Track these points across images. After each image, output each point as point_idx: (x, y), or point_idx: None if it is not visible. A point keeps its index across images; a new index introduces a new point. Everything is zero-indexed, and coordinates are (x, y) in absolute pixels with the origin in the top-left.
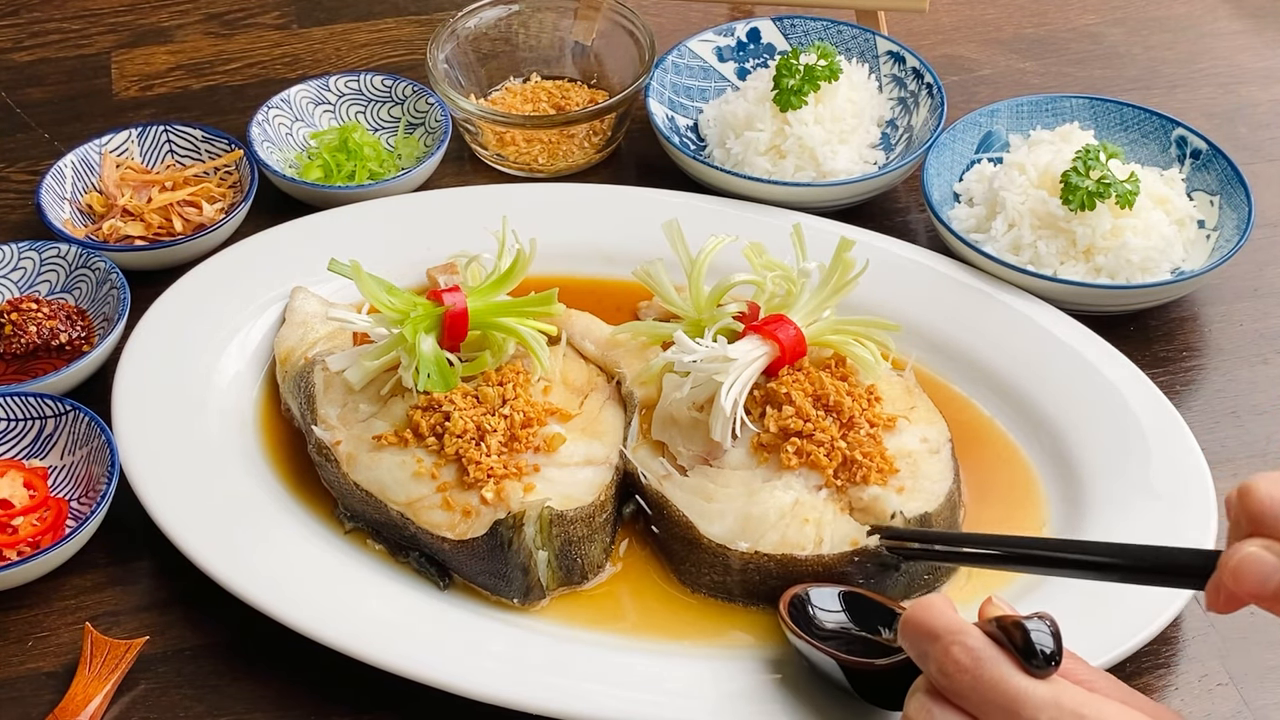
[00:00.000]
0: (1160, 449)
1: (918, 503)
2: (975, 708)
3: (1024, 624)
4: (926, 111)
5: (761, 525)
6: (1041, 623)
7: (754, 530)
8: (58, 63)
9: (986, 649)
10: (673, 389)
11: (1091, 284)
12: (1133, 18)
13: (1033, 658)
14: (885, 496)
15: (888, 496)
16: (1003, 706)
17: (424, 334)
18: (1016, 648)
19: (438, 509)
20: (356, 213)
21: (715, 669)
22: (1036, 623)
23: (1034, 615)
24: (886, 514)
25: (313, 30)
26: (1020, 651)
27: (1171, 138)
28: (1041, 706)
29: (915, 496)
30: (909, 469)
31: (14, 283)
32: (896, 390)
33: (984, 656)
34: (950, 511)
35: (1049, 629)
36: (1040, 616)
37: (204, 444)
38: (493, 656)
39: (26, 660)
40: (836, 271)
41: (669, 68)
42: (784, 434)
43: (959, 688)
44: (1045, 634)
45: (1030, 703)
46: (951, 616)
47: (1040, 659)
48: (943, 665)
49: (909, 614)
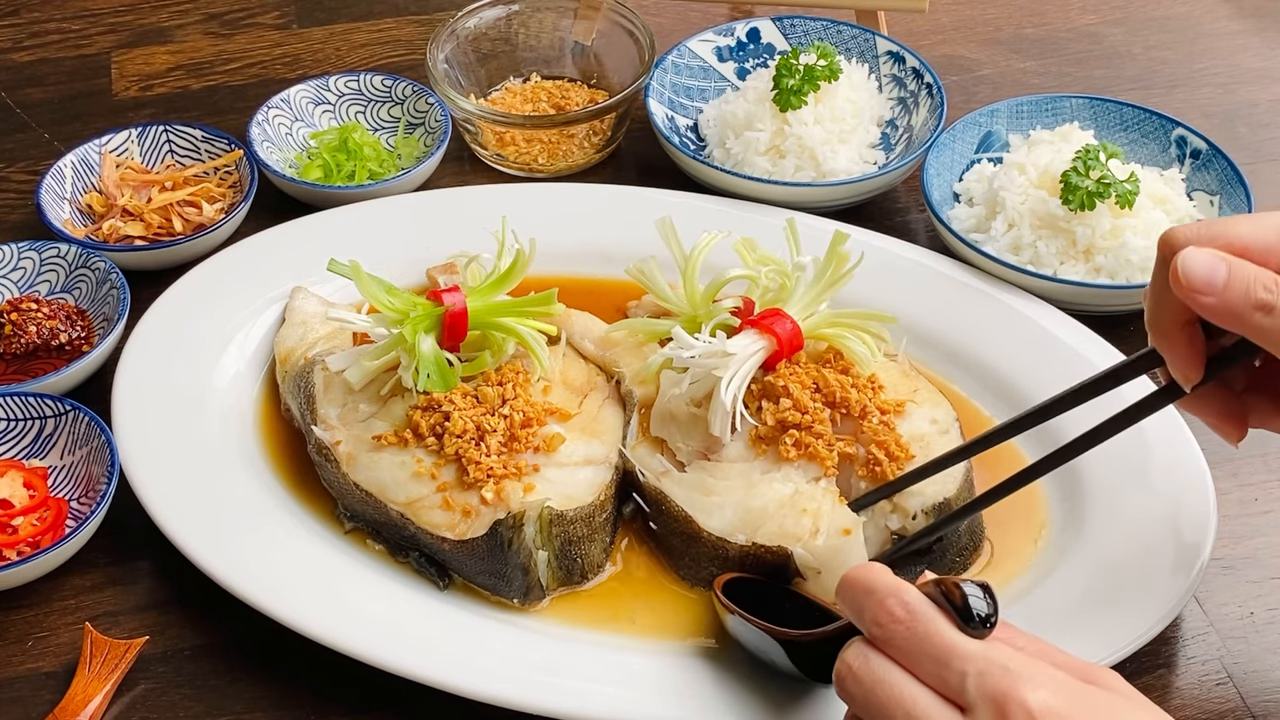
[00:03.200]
0: (1160, 449)
1: (936, 486)
2: (907, 657)
3: (963, 586)
4: (926, 111)
5: (761, 517)
6: (978, 588)
7: (753, 522)
8: (58, 63)
9: (923, 604)
10: (671, 385)
11: (1091, 284)
12: (1132, 18)
13: (969, 618)
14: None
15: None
16: (934, 657)
17: (424, 334)
18: (955, 607)
19: (437, 509)
20: (356, 213)
21: (715, 668)
22: (974, 587)
23: (972, 581)
24: (909, 509)
25: (313, 30)
26: (958, 611)
27: (1171, 138)
28: (970, 658)
29: (932, 481)
30: (923, 453)
31: (14, 283)
32: (895, 376)
33: (919, 611)
34: (968, 492)
35: (986, 594)
36: (978, 583)
37: (204, 444)
38: (493, 656)
39: (26, 660)
40: (831, 264)
41: (669, 68)
42: (781, 426)
43: (892, 637)
44: (982, 599)
45: (960, 654)
46: (890, 577)
47: (976, 620)
48: (877, 616)
49: (847, 574)
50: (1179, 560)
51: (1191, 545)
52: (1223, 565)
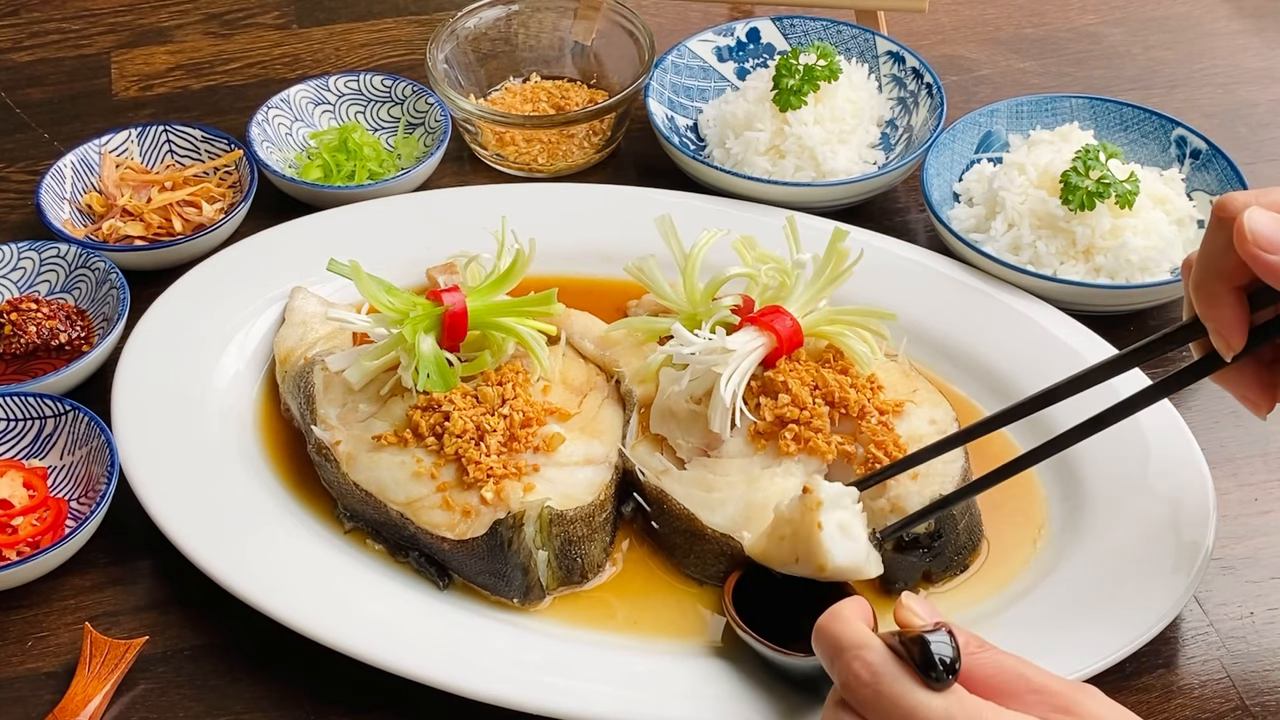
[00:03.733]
0: (1160, 449)
1: (933, 486)
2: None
3: (923, 638)
4: (926, 111)
5: (763, 512)
6: (941, 633)
7: (757, 517)
8: (57, 63)
9: (886, 664)
10: (670, 382)
11: (1091, 284)
12: (1132, 18)
13: (930, 670)
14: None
15: (903, 484)
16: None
17: (424, 334)
18: (915, 662)
19: (437, 509)
20: (356, 213)
21: (716, 668)
22: (937, 634)
23: (936, 624)
24: (906, 510)
25: (312, 30)
26: (918, 666)
27: (1171, 138)
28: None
29: (930, 481)
30: None
31: (14, 283)
32: (895, 376)
33: (883, 671)
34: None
35: (948, 641)
36: (940, 625)
37: (204, 444)
38: (493, 656)
39: (26, 660)
40: (831, 261)
41: (669, 68)
42: (780, 422)
43: (861, 700)
44: (945, 645)
45: (925, 716)
46: (857, 629)
47: (937, 671)
48: (845, 679)
49: (819, 624)
50: (1179, 560)
51: (1191, 545)
52: (1223, 565)
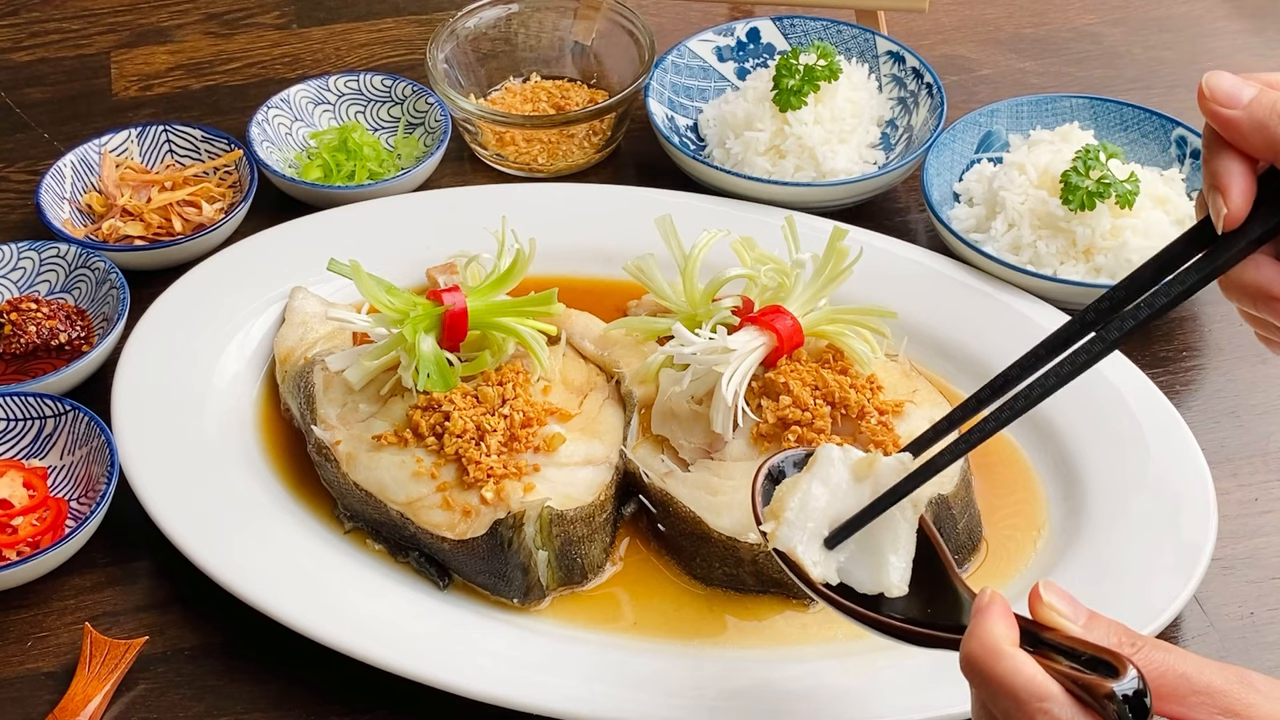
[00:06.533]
0: (1160, 449)
1: (932, 486)
2: None
3: (1121, 696)
4: (926, 111)
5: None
6: (1132, 677)
7: None
8: (57, 63)
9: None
10: (671, 383)
11: (1091, 284)
12: (1132, 18)
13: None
14: None
15: None
16: None
17: (424, 334)
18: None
19: (437, 509)
20: (356, 213)
21: (716, 668)
22: (1127, 682)
23: (1129, 672)
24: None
25: (312, 30)
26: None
27: (1171, 138)
28: None
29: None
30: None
31: (14, 283)
32: (895, 376)
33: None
34: (965, 490)
35: (1142, 688)
36: (1121, 661)
37: (204, 444)
38: (493, 656)
39: (26, 660)
40: (830, 260)
41: (669, 68)
42: (783, 423)
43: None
44: (1142, 696)
45: None
46: (1029, 675)
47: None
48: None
49: (974, 654)
50: (1179, 560)
51: (1191, 545)
52: (1223, 565)
